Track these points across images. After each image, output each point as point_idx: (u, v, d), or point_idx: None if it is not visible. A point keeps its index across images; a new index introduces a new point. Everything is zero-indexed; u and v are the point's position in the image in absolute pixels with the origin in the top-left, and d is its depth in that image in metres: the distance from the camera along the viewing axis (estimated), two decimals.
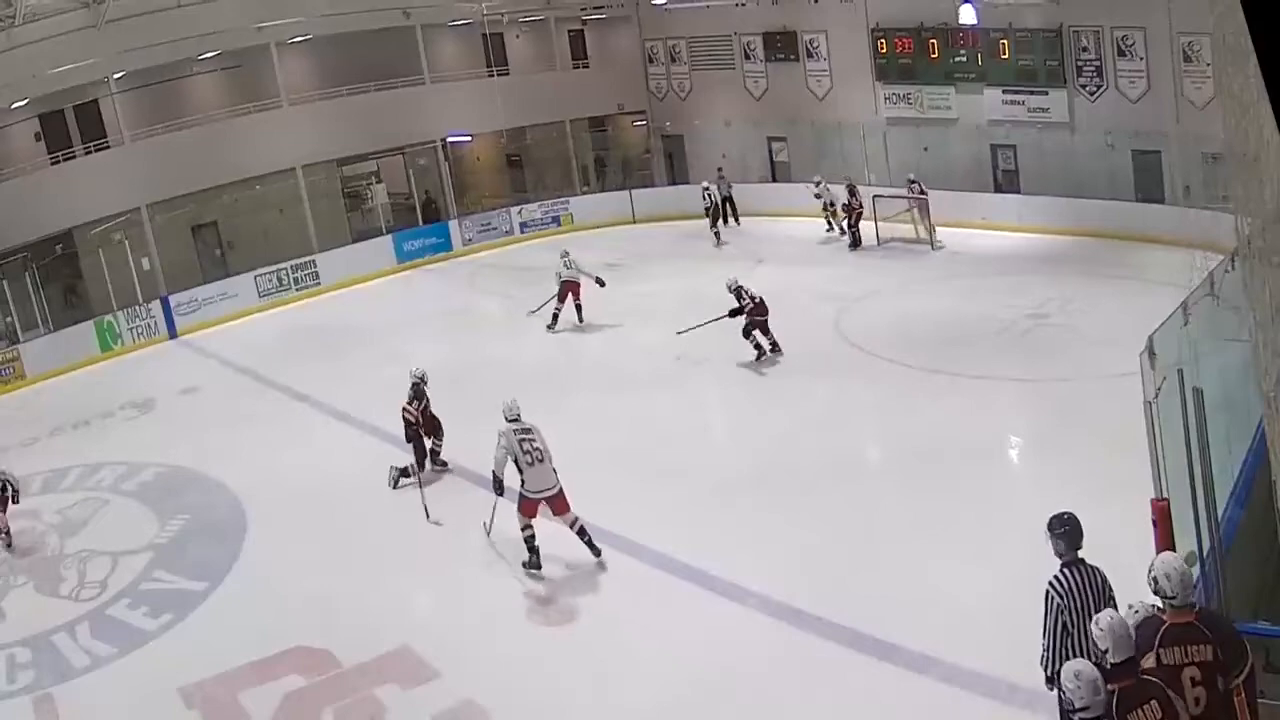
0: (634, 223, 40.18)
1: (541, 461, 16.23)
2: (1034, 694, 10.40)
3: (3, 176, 34.96)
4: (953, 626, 13.17)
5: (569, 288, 28.38)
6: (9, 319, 33.98)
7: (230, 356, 31.65)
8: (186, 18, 35.29)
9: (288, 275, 36.91)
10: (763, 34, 39.47)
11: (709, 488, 18.39)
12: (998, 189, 34.60)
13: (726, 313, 24.63)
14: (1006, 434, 20.37)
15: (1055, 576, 9.31)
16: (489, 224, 40.86)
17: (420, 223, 40.37)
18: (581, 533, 16.27)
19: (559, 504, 16.32)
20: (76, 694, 15.46)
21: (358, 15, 38.47)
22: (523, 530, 16.38)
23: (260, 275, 36.67)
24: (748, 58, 40.29)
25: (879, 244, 33.27)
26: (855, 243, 33.32)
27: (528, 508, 16.32)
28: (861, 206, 33.25)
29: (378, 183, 42.07)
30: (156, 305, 35.00)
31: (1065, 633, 9.22)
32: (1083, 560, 9.37)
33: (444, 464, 20.82)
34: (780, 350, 24.70)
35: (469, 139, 42.85)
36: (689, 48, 41.89)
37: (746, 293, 24.45)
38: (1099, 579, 9.32)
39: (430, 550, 18.01)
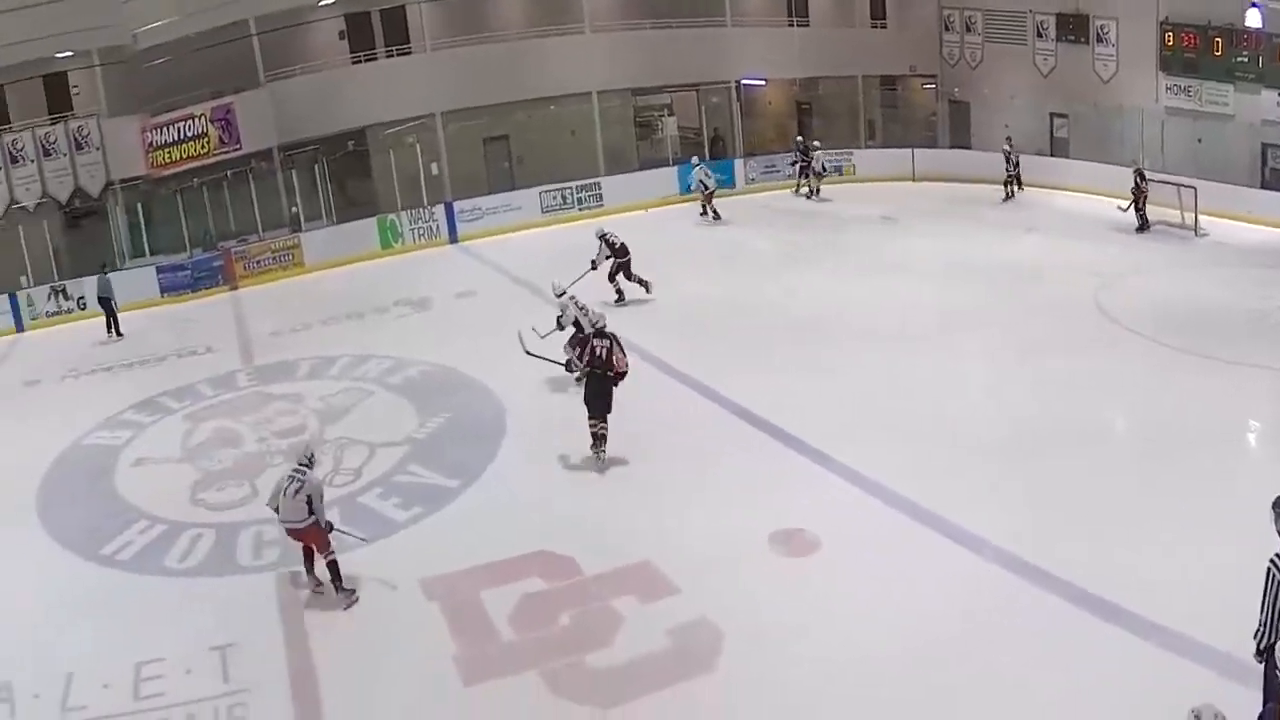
0: (913, 180, 39.36)
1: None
2: (1248, 668, 10.06)
3: (304, 70, 35.61)
4: (1176, 595, 12.73)
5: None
6: (294, 209, 34.85)
7: (508, 266, 31.56)
8: None
9: (572, 194, 36.67)
10: (1056, 15, 38.46)
11: (957, 443, 17.71)
12: (1265, 185, 33.19)
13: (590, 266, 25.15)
14: (1248, 418, 19.41)
15: (1277, 554, 9.29)
16: (773, 166, 40.13)
17: (707, 157, 39.62)
18: None
19: None
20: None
21: None
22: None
23: (545, 191, 36.58)
24: (1039, 36, 39.34)
25: (1148, 227, 32.01)
26: (1143, 225, 32.08)
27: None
28: (1148, 190, 32.13)
29: (669, 115, 41.84)
30: (440, 210, 35.30)
31: None
32: None
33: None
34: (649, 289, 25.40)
35: (763, 83, 42.37)
36: (984, 19, 40.79)
37: (607, 239, 25.04)
38: None
39: (681, 476, 17.31)
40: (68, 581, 16.32)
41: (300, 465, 14.54)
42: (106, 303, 30.38)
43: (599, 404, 17.39)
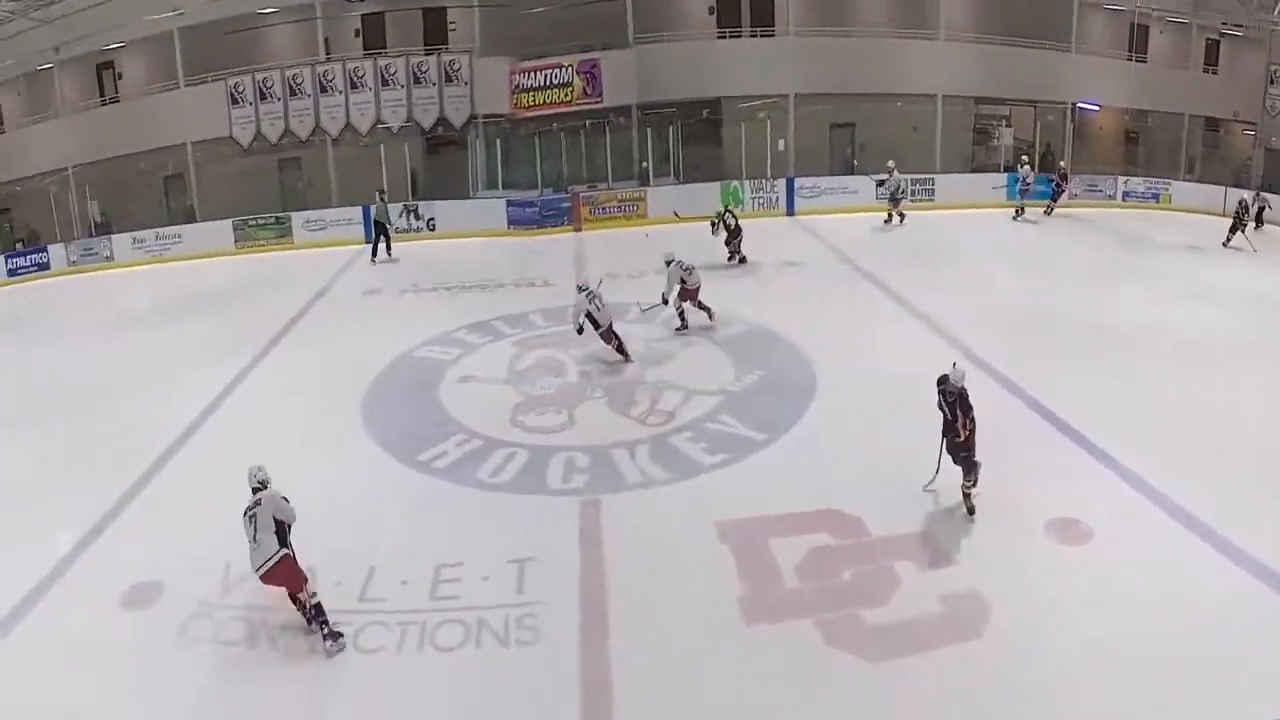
0: (1223, 215, 37.89)
1: None
2: None
3: (670, 38, 36.55)
4: None
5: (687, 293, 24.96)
6: (644, 164, 35.88)
7: (837, 244, 31.47)
8: None
9: (906, 185, 36.21)
10: None
11: (1244, 462, 16.71)
12: None
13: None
14: None
15: None
16: (1095, 185, 39.45)
17: (1035, 170, 39.31)
18: None
19: None
20: (621, 505, 15.97)
21: None
22: None
23: (879, 179, 36.18)
24: None
25: None
26: None
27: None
28: None
29: (1006, 126, 41.66)
30: (781, 184, 35.64)
31: None
32: None
33: None
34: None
35: (1096, 109, 41.99)
36: None
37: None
38: None
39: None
40: (382, 481, 17.09)
41: (255, 491, 13.10)
42: (381, 226, 32.06)
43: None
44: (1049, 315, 24.01)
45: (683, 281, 22.98)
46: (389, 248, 32.84)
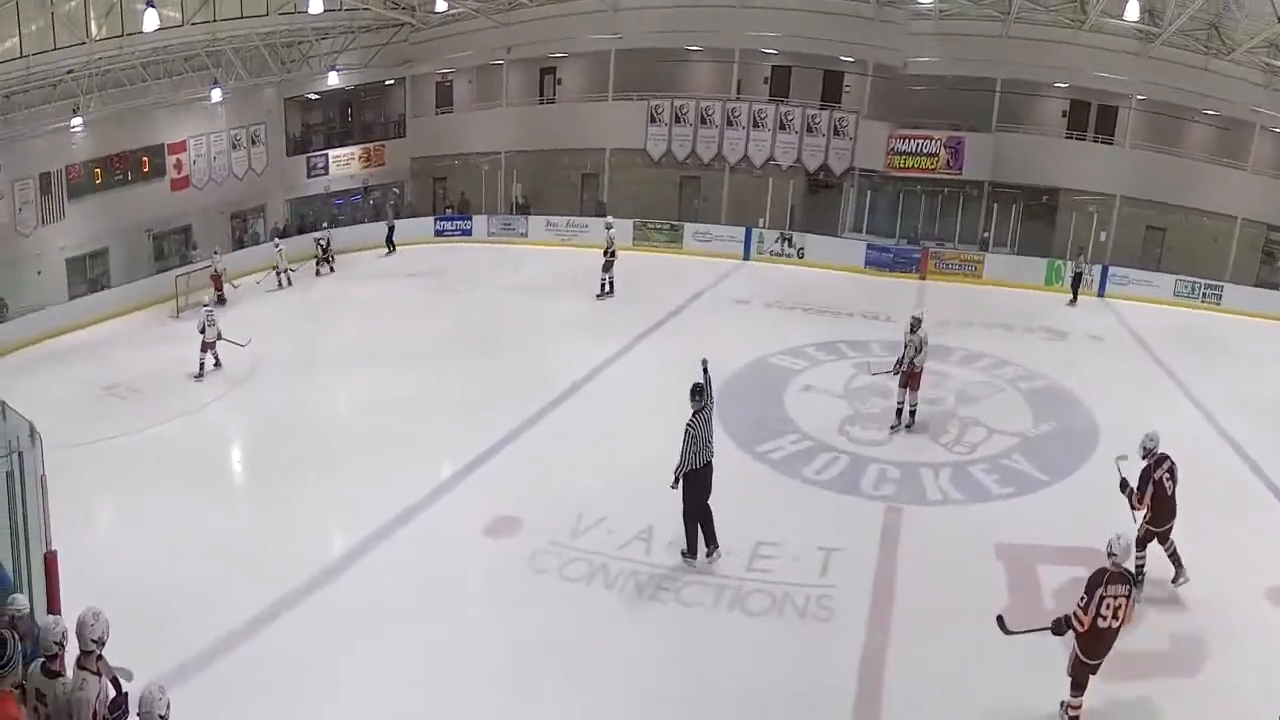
0: None
1: None
2: None
3: (1026, 130, 37.52)
4: None
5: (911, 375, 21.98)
6: (986, 234, 36.72)
7: (1135, 327, 31.17)
8: None
9: (1199, 288, 35.65)
10: None
11: None
12: None
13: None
14: None
15: None
16: None
17: None
18: None
19: None
20: (920, 516, 16.76)
21: None
22: None
23: (1181, 280, 35.90)
24: None
25: None
26: None
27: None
28: None
29: None
30: (1098, 269, 35.72)
31: None
32: None
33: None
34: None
35: None
36: None
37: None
38: None
39: (1202, 519, 15.79)
40: (720, 462, 16.80)
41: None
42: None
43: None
44: None
45: (912, 359, 20.47)
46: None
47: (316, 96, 42.37)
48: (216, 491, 17.93)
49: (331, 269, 36.97)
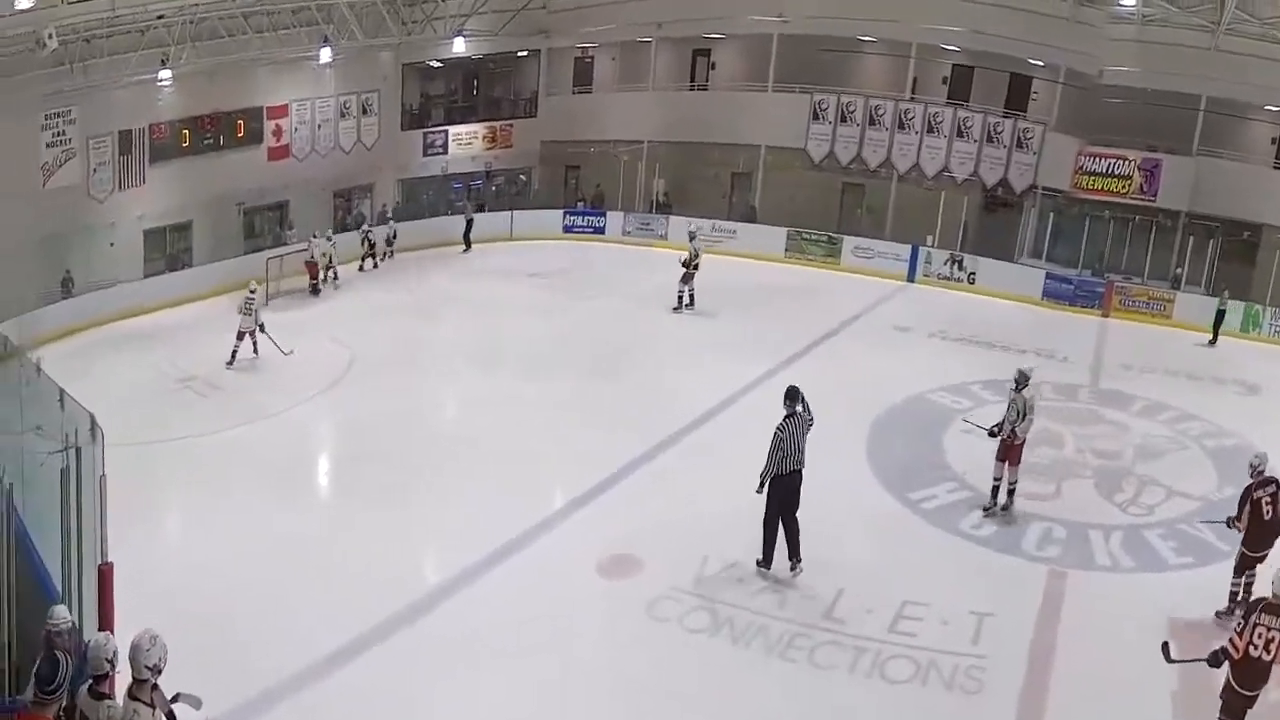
0: None
1: None
2: None
3: (1231, 156, 34.41)
4: None
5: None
6: (1180, 270, 33.81)
7: None
8: None
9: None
10: None
11: None
12: None
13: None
14: None
15: None
16: None
17: None
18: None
19: None
20: (1086, 582, 15.57)
21: None
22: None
23: None
24: None
25: None
26: None
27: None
28: None
29: None
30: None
31: None
32: None
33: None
34: None
35: None
36: None
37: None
38: None
39: None
40: (866, 506, 17.43)
41: None
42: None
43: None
44: None
45: (1014, 424, 17.58)
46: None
47: (439, 64, 40.43)
48: (298, 505, 17.59)
49: (375, 264, 35.59)
